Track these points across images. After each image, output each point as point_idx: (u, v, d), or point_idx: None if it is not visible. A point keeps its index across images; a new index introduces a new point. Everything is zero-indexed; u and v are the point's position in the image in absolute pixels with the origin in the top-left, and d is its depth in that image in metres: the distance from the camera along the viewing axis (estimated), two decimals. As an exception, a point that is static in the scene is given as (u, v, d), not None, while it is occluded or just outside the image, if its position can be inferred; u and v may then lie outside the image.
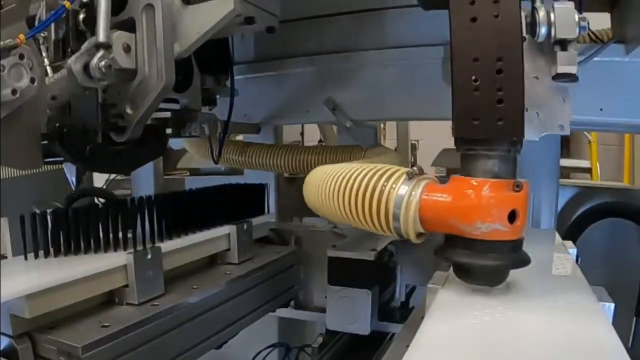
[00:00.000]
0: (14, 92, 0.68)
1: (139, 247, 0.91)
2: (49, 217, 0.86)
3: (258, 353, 1.74)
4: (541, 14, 0.67)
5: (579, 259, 0.97)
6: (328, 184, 0.81)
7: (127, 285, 0.89)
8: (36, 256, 0.86)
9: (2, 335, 0.73)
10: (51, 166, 1.52)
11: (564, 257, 0.94)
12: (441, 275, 0.83)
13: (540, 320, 0.60)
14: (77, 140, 0.86)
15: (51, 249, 0.88)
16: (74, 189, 1.44)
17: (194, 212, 1.08)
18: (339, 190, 0.77)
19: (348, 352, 1.32)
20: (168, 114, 1.09)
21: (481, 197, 0.62)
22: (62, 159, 0.91)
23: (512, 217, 0.62)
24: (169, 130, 1.11)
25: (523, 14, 0.65)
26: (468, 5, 0.62)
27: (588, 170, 4.47)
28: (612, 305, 0.68)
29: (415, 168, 0.71)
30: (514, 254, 0.65)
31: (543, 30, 0.67)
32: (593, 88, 1.21)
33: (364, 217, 0.73)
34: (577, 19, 0.66)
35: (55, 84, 0.80)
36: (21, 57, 0.69)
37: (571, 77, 0.68)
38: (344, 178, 0.77)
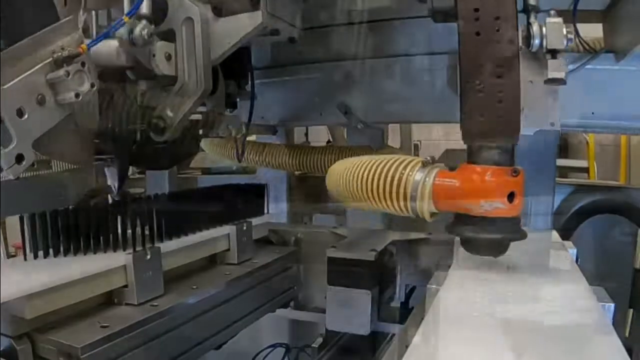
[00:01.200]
0: (77, 95, 0.75)
1: (138, 248, 0.90)
2: (48, 218, 0.85)
3: (258, 353, 1.74)
4: (535, 27, 0.80)
5: (579, 259, 0.98)
6: (353, 172, 0.93)
7: (126, 286, 0.88)
8: (36, 256, 0.86)
9: (2, 335, 0.72)
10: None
11: (563, 254, 0.95)
12: (441, 275, 0.83)
13: (533, 289, 0.72)
14: (127, 139, 0.94)
15: (51, 249, 0.88)
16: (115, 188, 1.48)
17: (194, 212, 1.08)
18: (362, 178, 0.90)
19: (348, 352, 1.32)
20: (200, 116, 1.16)
21: (485, 181, 0.74)
22: (105, 156, 0.99)
23: (510, 197, 0.74)
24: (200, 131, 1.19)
25: (519, 28, 0.76)
26: (474, 21, 0.74)
27: (585, 170, 4.49)
28: (612, 305, 0.70)
29: (429, 158, 0.82)
30: (513, 229, 0.77)
31: (536, 41, 0.80)
32: (587, 93, 1.29)
33: (385, 199, 0.85)
34: (565, 32, 0.80)
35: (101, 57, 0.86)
36: (83, 64, 0.76)
37: (560, 82, 0.81)
38: (367, 167, 0.90)
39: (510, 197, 0.73)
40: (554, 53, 0.80)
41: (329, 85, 1.63)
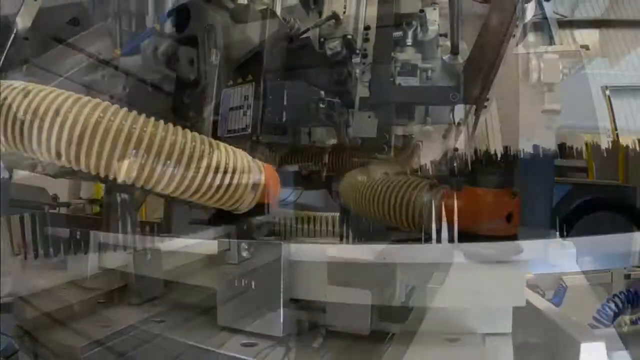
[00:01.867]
0: (111, 97, 0.81)
1: (139, 248, 0.90)
2: (48, 218, 0.85)
3: (258, 353, 1.73)
4: (533, 63, 0.93)
5: (579, 259, 0.98)
6: (367, 192, 1.05)
7: (126, 286, 0.88)
8: (36, 256, 0.86)
9: (2, 335, 0.72)
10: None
11: (562, 252, 0.96)
12: (441, 275, 0.83)
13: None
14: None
15: (51, 249, 0.88)
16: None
17: (194, 211, 1.08)
18: (374, 198, 1.01)
19: (348, 352, 1.32)
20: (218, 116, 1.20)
21: (486, 203, 0.82)
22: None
23: (509, 218, 0.81)
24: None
25: (520, 64, 0.88)
26: (478, 59, 0.86)
27: (584, 169, 4.50)
28: (612, 305, 0.71)
29: (435, 181, 0.92)
30: (510, 245, 0.81)
31: (534, 75, 0.93)
32: (583, 96, 1.32)
33: (396, 217, 0.96)
34: (561, 67, 0.92)
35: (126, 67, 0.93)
36: (116, 68, 0.84)
37: (555, 112, 0.95)
38: (379, 188, 1.01)
39: (509, 217, 0.80)
40: (550, 86, 0.90)
41: (337, 87, 1.64)
